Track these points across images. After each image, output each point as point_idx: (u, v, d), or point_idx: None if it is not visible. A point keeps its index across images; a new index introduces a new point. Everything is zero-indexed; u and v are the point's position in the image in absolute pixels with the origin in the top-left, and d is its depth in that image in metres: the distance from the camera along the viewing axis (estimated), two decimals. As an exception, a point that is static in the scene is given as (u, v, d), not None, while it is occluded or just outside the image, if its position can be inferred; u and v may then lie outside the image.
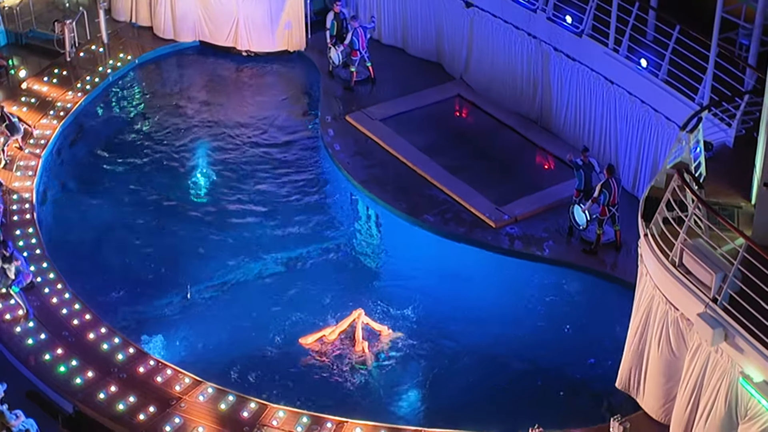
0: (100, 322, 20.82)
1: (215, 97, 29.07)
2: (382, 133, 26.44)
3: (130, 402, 19.04)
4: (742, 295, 15.76)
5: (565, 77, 25.23)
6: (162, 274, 22.90)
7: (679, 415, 17.37)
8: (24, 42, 30.06)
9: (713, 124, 20.63)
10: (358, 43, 27.89)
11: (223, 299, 22.37)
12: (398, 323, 21.59)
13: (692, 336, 16.78)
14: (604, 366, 20.17)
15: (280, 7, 29.48)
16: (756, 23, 21.18)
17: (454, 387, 20.29)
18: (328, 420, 18.70)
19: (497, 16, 26.47)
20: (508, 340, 21.15)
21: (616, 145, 24.37)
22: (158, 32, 30.57)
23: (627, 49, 23.43)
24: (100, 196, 25.30)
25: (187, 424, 18.65)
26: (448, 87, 28.31)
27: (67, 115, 27.02)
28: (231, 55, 30.27)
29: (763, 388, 15.43)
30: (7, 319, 20.75)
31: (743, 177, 18.82)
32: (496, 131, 26.69)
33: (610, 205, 22.05)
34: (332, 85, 28.60)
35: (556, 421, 18.25)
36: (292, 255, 23.57)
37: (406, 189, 24.66)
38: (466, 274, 22.94)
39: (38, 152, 25.51)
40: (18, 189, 24.19)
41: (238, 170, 26.29)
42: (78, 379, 19.53)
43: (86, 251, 23.62)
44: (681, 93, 22.04)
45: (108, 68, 28.94)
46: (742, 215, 18.28)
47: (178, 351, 21.02)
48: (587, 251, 22.67)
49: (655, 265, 17.25)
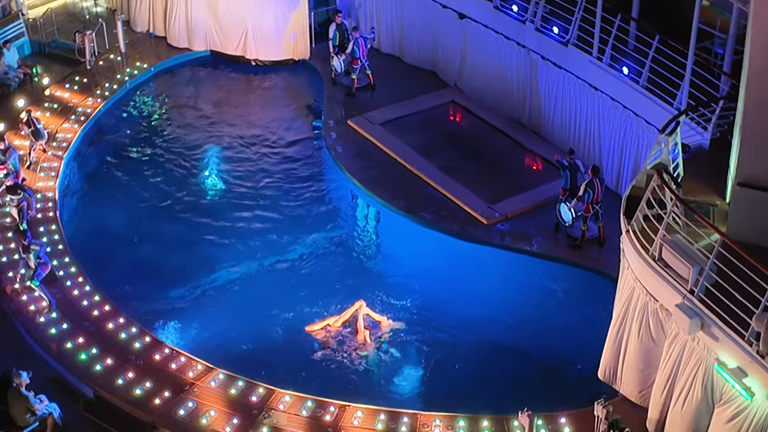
0: (118, 312, 20.76)
1: (225, 103, 29.00)
2: (381, 136, 26.37)
3: (146, 387, 19.00)
4: (717, 287, 15.74)
5: (552, 84, 25.17)
6: (175, 269, 22.81)
7: (657, 398, 17.35)
8: (47, 51, 29.95)
9: (690, 128, 20.59)
10: (359, 52, 27.81)
11: (232, 291, 22.30)
12: (397, 313, 21.57)
13: (671, 325, 16.77)
14: (589, 353, 20.07)
15: (286, 19, 29.42)
16: (730, 33, 21.17)
17: (450, 373, 20.26)
18: (331, 404, 18.66)
19: (489, 27, 26.41)
20: (500, 329, 21.12)
21: (600, 147, 24.32)
22: (172, 42, 30.47)
23: (610, 57, 23.39)
24: (118, 196, 25.24)
25: (200, 407, 18.61)
26: (442, 93, 28.25)
27: (88, 119, 26.92)
28: (240, 64, 30.18)
29: (736, 374, 15.45)
30: (32, 311, 20.68)
31: (718, 177, 18.80)
32: (488, 134, 26.64)
33: (593, 203, 22.01)
34: (335, 92, 28.53)
35: (544, 404, 18.19)
36: (296, 249, 23.49)
37: (404, 188, 24.58)
38: (459, 268, 22.87)
39: (60, 154, 25.42)
40: (42, 189, 24.11)
41: (247, 170, 26.22)
42: (98, 366, 19.48)
43: (105, 247, 23.54)
44: (660, 98, 22.03)
45: (125, 76, 28.86)
46: (717, 212, 18.28)
47: (191, 340, 20.98)
48: (573, 246, 22.61)
49: (636, 259, 17.21)
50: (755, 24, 16.16)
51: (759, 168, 16.89)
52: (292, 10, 29.28)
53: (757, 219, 17.00)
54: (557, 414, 18.16)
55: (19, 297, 20.89)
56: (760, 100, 16.53)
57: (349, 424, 18.24)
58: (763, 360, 14.86)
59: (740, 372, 15.38)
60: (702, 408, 16.36)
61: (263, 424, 18.25)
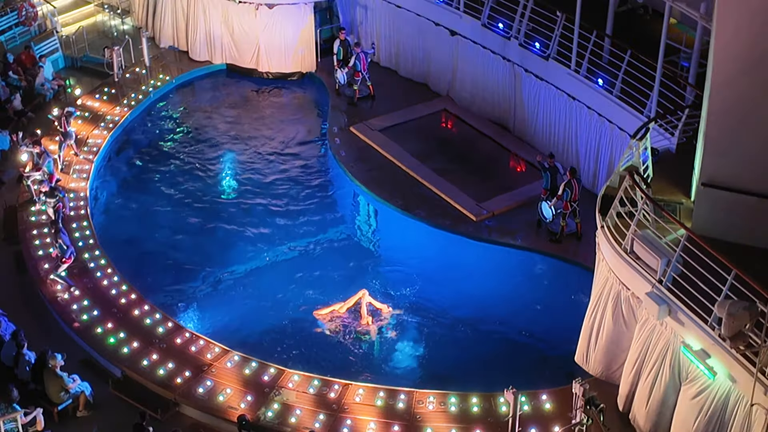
0: (144, 300, 20.80)
1: (240, 111, 28.98)
2: (380, 141, 26.36)
3: (169, 368, 19.06)
4: (683, 277, 15.79)
5: (535, 94, 25.16)
6: (195, 261, 22.85)
7: (627, 377, 17.40)
8: (79, 65, 29.95)
9: (659, 134, 20.59)
10: (360, 65, 27.83)
11: (246, 281, 22.33)
12: (395, 301, 21.58)
13: (641, 311, 16.79)
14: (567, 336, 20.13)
15: (294, 36, 29.42)
16: (695, 48, 21.25)
17: (444, 355, 20.29)
18: (336, 382, 18.72)
19: (477, 43, 26.40)
20: (488, 316, 21.13)
21: (577, 151, 24.31)
22: (193, 56, 30.51)
23: (586, 70, 23.40)
24: (143, 195, 25.26)
25: (217, 386, 18.68)
26: (435, 102, 28.21)
27: (116, 127, 26.93)
28: (253, 77, 30.20)
29: (700, 355, 15.48)
30: (65, 299, 20.73)
31: (684, 178, 18.83)
32: (477, 139, 26.62)
33: (572, 201, 22.02)
34: (338, 101, 28.50)
35: (528, 383, 18.25)
36: (304, 243, 23.54)
37: (401, 188, 24.58)
38: (451, 260, 22.89)
39: (91, 158, 25.46)
40: (74, 189, 24.15)
41: (259, 173, 26.22)
42: (125, 348, 19.54)
43: (132, 241, 23.59)
44: (632, 107, 22.00)
45: (150, 87, 28.88)
46: (683, 210, 18.30)
47: (209, 325, 21.02)
48: (553, 240, 22.62)
49: (610, 252, 17.24)
50: (717, 40, 16.22)
51: (720, 169, 16.93)
52: (300, 27, 29.32)
53: (719, 216, 17.05)
54: (539, 391, 18.21)
55: (55, 287, 21.00)
56: (721, 109, 16.59)
57: (351, 401, 18.30)
58: (724, 343, 14.92)
59: (704, 353, 15.42)
60: (670, 386, 16.40)
61: (274, 400, 18.33)
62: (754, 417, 14.73)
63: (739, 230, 16.88)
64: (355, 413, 18.07)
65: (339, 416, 18.01)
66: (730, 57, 16.05)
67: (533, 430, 17.41)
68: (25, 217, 23.10)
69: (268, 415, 18.03)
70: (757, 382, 14.33)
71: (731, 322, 14.64)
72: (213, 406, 18.29)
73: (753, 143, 16.44)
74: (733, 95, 16.29)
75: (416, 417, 17.93)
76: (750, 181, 16.71)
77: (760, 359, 14.32)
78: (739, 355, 14.73)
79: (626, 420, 17.49)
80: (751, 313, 14.61)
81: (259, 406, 18.20)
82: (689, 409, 15.87)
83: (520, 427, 16.99)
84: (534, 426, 17.47)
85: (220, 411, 18.18)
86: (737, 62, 15.99)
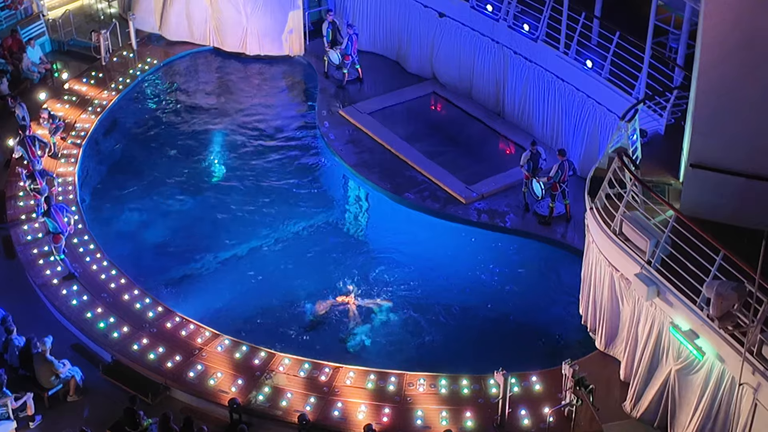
0: (134, 285, 20.74)
1: (228, 94, 28.80)
2: (369, 124, 26.31)
3: (159, 352, 19.03)
4: (672, 258, 15.86)
5: (524, 76, 25.11)
6: (185, 245, 22.78)
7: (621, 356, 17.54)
8: (66, 49, 29.76)
9: (647, 115, 20.63)
10: (351, 48, 27.69)
11: (236, 266, 22.26)
12: (384, 286, 21.52)
13: (630, 292, 16.86)
14: (557, 318, 20.22)
15: (283, 19, 29.22)
16: (683, 29, 21.18)
17: (433, 338, 20.29)
18: (326, 365, 18.71)
19: (466, 25, 26.31)
20: (477, 298, 21.16)
21: (566, 132, 24.31)
22: (178, 38, 30.20)
23: (575, 52, 23.36)
24: (131, 178, 25.11)
25: (208, 370, 18.66)
26: (424, 85, 28.13)
27: (103, 111, 26.75)
28: (240, 58, 29.97)
29: (689, 335, 15.57)
30: (55, 283, 20.67)
31: (673, 159, 18.87)
32: (466, 122, 26.59)
33: (560, 182, 22.03)
34: (327, 84, 28.39)
35: (517, 365, 18.26)
36: (293, 227, 23.45)
37: (390, 171, 24.55)
38: (440, 242, 22.89)
39: (79, 142, 25.30)
40: (63, 174, 24.01)
41: (247, 156, 26.08)
42: (115, 333, 19.49)
43: (121, 225, 23.51)
44: (620, 89, 22.02)
45: (137, 71, 28.71)
46: (671, 191, 18.36)
47: (200, 309, 20.90)
48: (542, 222, 22.64)
49: (599, 234, 17.29)
50: (706, 21, 16.19)
51: (709, 151, 16.94)
52: (289, 10, 29.11)
53: (707, 196, 17.09)
54: (529, 373, 18.25)
55: (44, 271, 20.90)
56: (709, 90, 16.58)
57: (342, 384, 18.31)
58: (712, 323, 15.01)
59: (692, 334, 15.50)
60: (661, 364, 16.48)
61: (265, 384, 18.32)
62: (743, 395, 14.79)
63: (728, 211, 16.92)
64: (345, 396, 18.07)
65: (330, 399, 18.00)
66: (718, 38, 16.02)
67: (523, 411, 17.45)
68: (13, 202, 22.96)
69: (259, 399, 18.01)
70: (745, 362, 14.38)
71: (720, 302, 14.72)
72: (204, 390, 18.26)
73: (741, 124, 16.46)
74: (721, 76, 16.27)
75: (407, 399, 17.94)
76: (738, 162, 16.73)
77: (748, 339, 14.39)
78: (727, 335, 14.80)
79: (621, 400, 17.50)
80: (739, 293, 14.68)
81: (250, 390, 18.19)
82: (684, 388, 16.01)
83: (510, 408, 17.06)
84: (524, 407, 17.51)
85: (210, 395, 18.15)
86: (725, 43, 15.97)
